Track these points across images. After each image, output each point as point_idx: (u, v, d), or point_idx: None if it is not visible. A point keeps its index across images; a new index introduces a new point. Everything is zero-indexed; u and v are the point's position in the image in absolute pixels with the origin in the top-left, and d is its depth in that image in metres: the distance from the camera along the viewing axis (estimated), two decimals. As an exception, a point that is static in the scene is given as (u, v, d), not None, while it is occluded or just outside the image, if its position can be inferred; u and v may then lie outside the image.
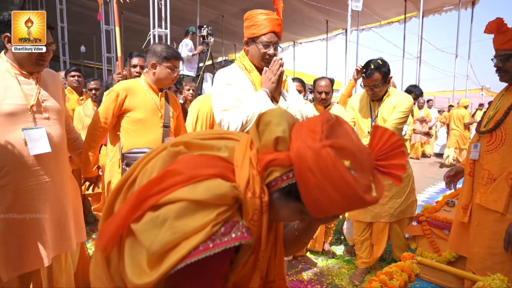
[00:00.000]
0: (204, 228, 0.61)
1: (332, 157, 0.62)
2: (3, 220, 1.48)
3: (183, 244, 0.60)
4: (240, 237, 0.63)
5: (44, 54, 1.53)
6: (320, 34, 12.55)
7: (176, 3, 8.08)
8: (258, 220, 0.68)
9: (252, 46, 1.69)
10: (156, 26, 4.90)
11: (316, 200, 0.65)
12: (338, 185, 0.62)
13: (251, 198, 0.67)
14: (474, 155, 1.74)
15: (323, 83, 2.77)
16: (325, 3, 8.77)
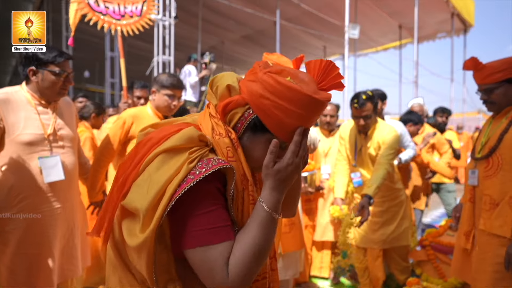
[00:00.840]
0: (182, 168, 0.70)
1: (274, 76, 0.74)
2: (16, 245, 1.53)
3: (167, 189, 0.68)
4: (217, 164, 0.71)
5: (66, 83, 1.64)
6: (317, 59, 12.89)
7: (178, 29, 8.37)
8: (234, 156, 0.76)
9: None
10: (160, 53, 5.06)
11: (278, 121, 0.75)
12: (288, 96, 0.72)
13: (219, 139, 0.76)
14: (473, 181, 1.76)
15: (329, 108, 2.85)
16: (322, 31, 9.10)
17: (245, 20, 8.84)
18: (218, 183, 0.74)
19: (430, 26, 10.07)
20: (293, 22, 8.75)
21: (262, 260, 0.73)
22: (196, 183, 0.69)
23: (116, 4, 2.97)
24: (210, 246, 0.70)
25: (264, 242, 0.72)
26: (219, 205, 0.73)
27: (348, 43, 7.09)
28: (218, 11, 8.19)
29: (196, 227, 0.71)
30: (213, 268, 0.69)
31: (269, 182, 0.75)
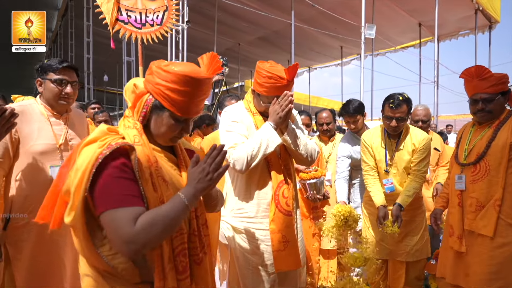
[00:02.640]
0: (94, 153, 0.90)
1: (162, 66, 0.99)
2: (30, 253, 1.59)
3: (85, 171, 0.88)
4: (118, 144, 0.92)
5: (67, 92, 1.68)
6: (335, 59, 12.71)
7: (194, 32, 8.47)
8: (140, 141, 0.98)
9: (256, 97, 1.74)
10: (174, 57, 5.14)
11: (170, 98, 0.98)
12: (172, 78, 0.97)
13: (127, 130, 1.00)
14: (461, 186, 1.86)
15: (324, 115, 2.82)
16: (339, 31, 8.95)
17: (261, 22, 8.83)
18: (124, 159, 0.92)
19: (452, 24, 9.70)
20: (308, 22, 8.66)
21: (166, 232, 0.91)
22: (105, 161, 0.89)
23: (138, 13, 3.05)
24: (118, 209, 0.87)
25: (172, 220, 0.91)
26: (126, 178, 0.91)
27: (364, 43, 6.93)
28: (234, 13, 8.22)
29: (107, 195, 0.89)
30: (119, 226, 0.86)
31: (190, 182, 0.96)
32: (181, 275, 0.98)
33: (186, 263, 1.00)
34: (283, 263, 1.68)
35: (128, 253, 0.89)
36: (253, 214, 1.69)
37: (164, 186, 0.99)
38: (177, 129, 1.03)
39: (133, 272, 0.96)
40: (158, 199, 0.96)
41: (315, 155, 1.79)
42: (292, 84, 1.68)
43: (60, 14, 10.24)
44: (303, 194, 2.55)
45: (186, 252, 1.01)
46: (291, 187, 1.72)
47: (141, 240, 0.86)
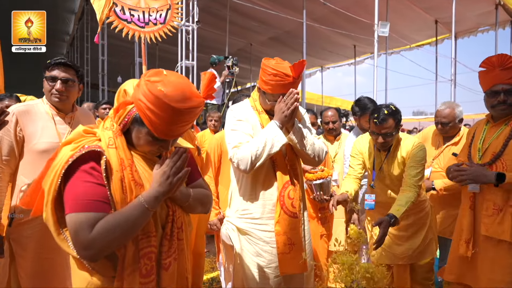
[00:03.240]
0: (65, 155, 0.93)
1: (148, 84, 0.95)
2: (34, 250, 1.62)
3: (57, 171, 0.92)
4: (88, 148, 0.94)
5: (57, 89, 1.68)
6: (348, 59, 12.53)
7: (205, 33, 8.51)
8: (114, 144, 0.98)
9: (261, 95, 1.71)
10: (184, 58, 5.17)
11: (149, 119, 0.96)
12: (154, 101, 0.93)
13: (104, 132, 1.00)
14: (474, 188, 1.73)
15: (330, 113, 2.76)
16: (351, 30, 8.81)
17: (272, 22, 8.79)
18: (94, 163, 0.94)
19: (470, 20, 9.38)
20: (321, 22, 8.56)
21: (124, 236, 0.91)
22: (75, 164, 0.92)
23: (141, 12, 3.07)
24: (79, 213, 0.89)
25: (131, 224, 0.91)
26: (93, 182, 0.92)
27: (378, 41, 6.79)
28: (245, 13, 8.22)
29: (72, 198, 0.90)
30: (78, 230, 0.88)
31: (152, 185, 0.97)
32: (144, 278, 0.96)
33: (152, 267, 0.98)
34: (288, 266, 1.64)
35: (85, 257, 0.91)
36: (258, 215, 1.66)
37: (138, 189, 0.98)
38: (154, 146, 1.02)
39: (106, 266, 0.96)
40: (127, 202, 0.95)
41: (322, 155, 1.74)
42: (298, 82, 1.63)
43: (76, 18, 10.50)
44: (310, 195, 2.51)
45: (152, 256, 0.98)
46: (298, 188, 1.68)
47: (97, 245, 0.88)
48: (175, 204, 1.07)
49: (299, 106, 1.75)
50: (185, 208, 1.12)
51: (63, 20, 11.04)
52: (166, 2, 3.15)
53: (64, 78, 1.69)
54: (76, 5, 10.11)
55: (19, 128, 1.63)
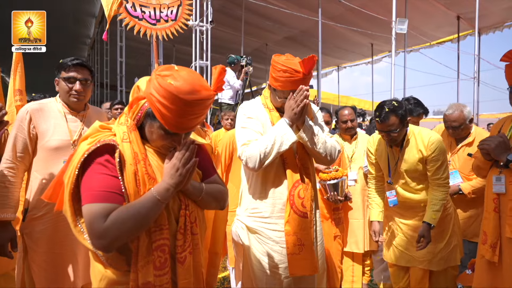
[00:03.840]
0: (82, 149, 0.97)
1: (159, 78, 0.96)
2: (46, 245, 1.65)
3: (75, 166, 0.96)
4: (103, 141, 0.97)
5: (76, 89, 1.72)
6: (365, 57, 12.29)
7: (220, 33, 8.56)
8: (128, 138, 1.01)
9: (272, 92, 1.69)
10: (198, 58, 5.20)
11: (161, 113, 0.97)
12: (164, 94, 0.95)
13: (119, 126, 1.03)
14: (499, 189, 1.64)
15: (346, 112, 2.70)
16: (368, 28, 8.63)
17: (288, 21, 8.74)
18: (109, 156, 0.97)
19: (495, 14, 8.98)
20: (337, 20, 8.42)
21: (137, 227, 0.93)
22: (91, 157, 0.95)
23: (152, 8, 3.09)
24: (93, 204, 0.92)
25: (143, 216, 0.93)
26: (107, 174, 0.95)
27: (395, 39, 6.61)
28: (260, 13, 8.20)
29: (87, 190, 0.93)
30: (92, 220, 0.91)
31: (163, 177, 1.00)
32: (158, 270, 0.97)
33: (166, 259, 0.99)
34: (297, 268, 1.59)
35: (98, 247, 0.92)
36: (267, 214, 1.63)
37: (151, 182, 1.00)
38: (166, 140, 1.03)
39: (119, 260, 0.98)
40: (140, 195, 0.97)
41: (335, 154, 1.69)
42: (309, 78, 1.59)
43: (97, 21, 10.80)
44: (323, 195, 2.45)
45: (165, 249, 1.00)
46: (309, 188, 1.64)
47: (110, 235, 0.90)
48: (188, 199, 1.08)
49: (311, 104, 1.73)
50: (198, 203, 1.12)
51: (85, 24, 11.39)
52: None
53: (82, 78, 1.73)
54: (96, 9, 10.41)
55: (33, 126, 1.67)
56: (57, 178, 1.08)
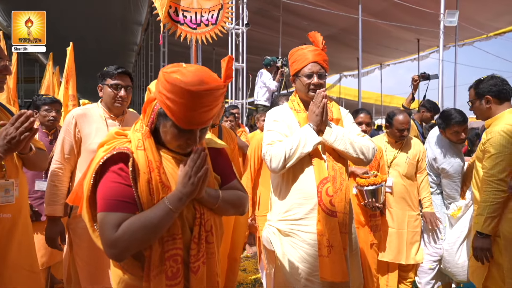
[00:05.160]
0: (98, 156, 0.99)
1: (165, 74, 0.96)
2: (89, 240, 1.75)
3: (91, 173, 0.98)
4: (118, 149, 0.98)
5: (121, 95, 1.83)
6: (411, 54, 11.59)
7: (258, 34, 8.58)
8: (142, 146, 1.00)
9: (297, 81, 1.71)
10: (234, 61, 5.25)
11: (170, 109, 0.96)
12: (170, 88, 0.94)
13: (134, 133, 1.03)
14: None
15: (402, 118, 2.54)
16: (414, 22, 8.12)
17: (327, 20, 8.53)
18: (123, 164, 0.97)
19: None
20: (379, 16, 8.05)
21: (148, 237, 0.93)
22: (106, 164, 0.97)
23: (193, 13, 3.17)
24: (106, 213, 0.94)
25: (155, 225, 0.92)
26: (120, 183, 0.95)
27: (444, 33, 6.14)
28: (298, 13, 8.10)
29: (102, 198, 0.95)
30: (104, 229, 0.93)
31: (176, 186, 0.98)
32: (170, 280, 0.96)
33: (178, 269, 0.98)
34: (327, 271, 1.55)
35: (110, 256, 0.93)
36: (299, 215, 1.62)
37: (165, 191, 0.99)
38: (181, 139, 1.01)
39: (134, 265, 0.99)
40: (154, 204, 0.97)
41: (368, 153, 1.65)
42: (324, 51, 1.70)
43: (143, 29, 11.43)
44: (360, 201, 2.34)
45: (178, 258, 0.98)
46: (343, 189, 1.61)
47: (121, 245, 0.90)
48: (203, 207, 1.06)
49: (340, 107, 1.79)
50: (215, 210, 1.09)
51: (132, 31, 12.10)
52: (218, 2, 3.21)
53: (126, 85, 1.86)
54: (142, 18, 11.02)
55: (77, 130, 1.80)
56: (79, 183, 1.11)
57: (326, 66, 1.70)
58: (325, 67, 1.70)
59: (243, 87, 5.72)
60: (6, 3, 8.93)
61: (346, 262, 1.59)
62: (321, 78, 1.66)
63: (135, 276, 1.00)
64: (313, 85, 1.65)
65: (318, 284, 1.58)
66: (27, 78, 10.67)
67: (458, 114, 2.45)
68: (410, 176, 2.57)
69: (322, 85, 1.67)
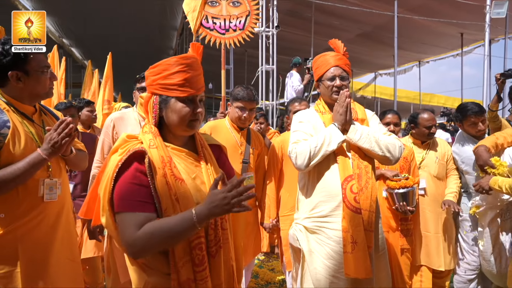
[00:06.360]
0: (115, 160, 1.03)
1: (150, 67, 1.12)
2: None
3: (109, 178, 1.02)
4: (133, 150, 1.03)
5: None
6: (453, 49, 10.92)
7: (289, 35, 8.55)
8: (154, 144, 1.06)
9: (321, 86, 1.78)
10: (264, 61, 5.31)
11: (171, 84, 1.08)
12: (160, 68, 1.09)
13: (144, 135, 1.09)
14: None
15: (426, 116, 2.48)
16: (457, 16, 7.65)
17: (360, 17, 8.29)
18: (138, 164, 1.03)
19: None
20: (417, 11, 7.68)
21: (166, 244, 0.99)
22: (123, 167, 1.01)
23: (222, 19, 3.32)
24: (126, 212, 0.99)
25: (175, 235, 0.97)
26: (138, 184, 1.00)
27: (489, 25, 5.73)
28: (331, 12, 7.96)
29: (120, 198, 0.99)
30: (124, 228, 0.98)
31: (207, 203, 0.98)
32: (198, 267, 1.03)
33: (203, 256, 1.05)
34: (351, 268, 1.57)
35: (128, 253, 0.99)
36: (325, 212, 1.65)
37: (178, 184, 1.05)
38: (188, 111, 1.09)
39: (163, 262, 1.04)
40: (171, 196, 1.02)
41: (395, 150, 1.66)
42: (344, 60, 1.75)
43: (178, 33, 11.87)
44: (391, 204, 2.27)
45: (202, 246, 1.05)
46: (369, 187, 1.63)
47: (139, 245, 0.96)
48: None
49: (365, 109, 1.83)
50: None
51: (168, 36, 12.61)
52: (245, 9, 3.32)
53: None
54: (177, 22, 11.46)
55: (115, 132, 1.95)
56: (89, 195, 1.17)
57: (348, 70, 1.75)
58: (347, 71, 1.74)
59: (273, 89, 5.75)
60: (59, 16, 9.74)
61: (370, 259, 1.60)
62: (344, 80, 1.71)
63: (162, 277, 1.04)
64: (336, 87, 1.70)
65: (344, 281, 1.60)
66: (75, 84, 11.53)
67: (474, 105, 2.37)
68: (441, 176, 2.48)
69: (344, 87, 1.71)
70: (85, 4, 8.65)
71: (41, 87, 1.46)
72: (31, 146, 1.40)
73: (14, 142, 1.36)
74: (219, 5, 3.29)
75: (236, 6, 3.28)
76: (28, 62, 1.41)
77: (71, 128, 1.37)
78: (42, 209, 1.44)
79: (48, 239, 1.46)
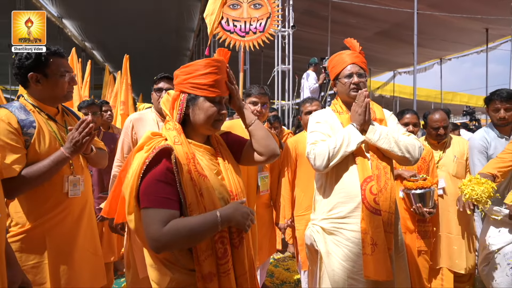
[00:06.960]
0: (142, 158, 1.05)
1: (182, 67, 1.18)
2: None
3: (136, 176, 1.04)
4: (159, 147, 1.06)
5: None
6: (477, 46, 10.53)
7: (306, 34, 8.50)
8: (179, 140, 1.11)
9: (339, 84, 1.75)
10: (280, 60, 5.30)
11: (201, 84, 1.13)
12: (190, 69, 1.16)
13: (167, 131, 1.14)
14: None
15: (438, 116, 2.40)
16: (481, 11, 7.37)
17: (379, 15, 8.13)
18: (165, 161, 1.05)
19: None
20: (438, 7, 7.46)
21: (189, 242, 1.03)
22: (150, 164, 1.03)
23: (243, 22, 3.34)
24: (152, 208, 1.01)
25: (198, 234, 1.02)
26: (164, 182, 1.03)
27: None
28: (346, 10, 7.86)
29: (147, 195, 1.02)
30: (149, 223, 1.01)
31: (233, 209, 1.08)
32: (221, 260, 1.07)
33: (225, 249, 1.08)
34: (371, 270, 1.54)
35: (151, 248, 1.01)
36: (343, 213, 1.63)
37: (201, 179, 1.09)
38: (215, 110, 1.15)
39: (189, 258, 1.08)
40: (195, 192, 1.06)
41: (415, 151, 1.63)
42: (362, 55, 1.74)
43: (195, 35, 12.03)
44: (408, 205, 2.23)
45: (224, 240, 1.09)
46: (388, 188, 1.60)
47: (163, 241, 1.00)
48: (237, 189, 1.19)
49: (383, 109, 1.81)
50: None
51: (185, 38, 12.80)
52: (266, 11, 3.34)
53: (167, 88, 2.02)
54: (194, 24, 11.62)
55: (134, 132, 2.01)
56: (111, 195, 1.21)
57: (365, 67, 1.73)
58: (364, 68, 1.72)
59: (289, 89, 5.73)
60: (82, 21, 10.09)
61: (390, 261, 1.57)
62: (361, 78, 1.69)
63: (187, 275, 1.07)
64: (354, 84, 1.67)
65: (363, 283, 1.57)
66: (96, 85, 11.91)
67: (504, 91, 2.26)
68: (460, 175, 2.40)
69: (362, 84, 1.69)
70: (105, 9, 8.93)
71: (59, 90, 1.51)
72: (54, 145, 1.48)
73: (40, 141, 1.43)
74: (240, 8, 3.32)
75: (257, 8, 3.30)
76: (48, 65, 1.46)
77: (91, 127, 1.44)
78: (67, 204, 1.51)
79: (72, 233, 1.54)
